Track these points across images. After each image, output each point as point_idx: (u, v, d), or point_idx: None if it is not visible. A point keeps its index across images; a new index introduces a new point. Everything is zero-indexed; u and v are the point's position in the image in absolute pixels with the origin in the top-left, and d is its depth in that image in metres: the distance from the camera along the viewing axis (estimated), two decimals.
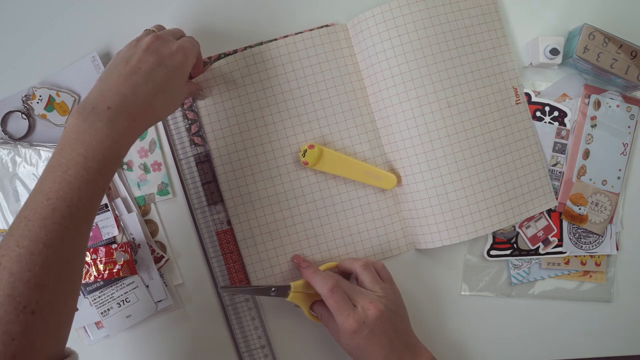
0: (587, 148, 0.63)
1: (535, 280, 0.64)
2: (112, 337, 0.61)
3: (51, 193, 0.41)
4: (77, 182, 0.42)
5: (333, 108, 0.61)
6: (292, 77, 0.61)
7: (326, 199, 0.61)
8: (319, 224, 0.61)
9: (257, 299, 0.61)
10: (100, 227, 0.59)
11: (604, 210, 0.63)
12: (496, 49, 0.61)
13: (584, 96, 0.63)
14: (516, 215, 0.60)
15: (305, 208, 0.61)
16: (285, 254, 0.61)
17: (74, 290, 0.43)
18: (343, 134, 0.61)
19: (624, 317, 0.65)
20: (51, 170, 0.42)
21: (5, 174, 0.59)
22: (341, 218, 0.61)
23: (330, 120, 0.61)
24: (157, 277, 0.60)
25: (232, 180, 0.60)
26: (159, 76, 0.48)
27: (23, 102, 0.60)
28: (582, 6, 0.64)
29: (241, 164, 0.60)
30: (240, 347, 0.61)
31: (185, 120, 0.61)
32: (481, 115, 0.60)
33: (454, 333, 0.63)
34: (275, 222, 0.60)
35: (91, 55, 0.60)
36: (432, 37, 0.58)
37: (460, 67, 0.59)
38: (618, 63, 0.60)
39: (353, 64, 0.61)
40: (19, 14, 0.62)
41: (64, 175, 0.42)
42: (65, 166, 0.42)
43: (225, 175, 0.60)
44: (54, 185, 0.41)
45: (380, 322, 0.52)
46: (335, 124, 0.61)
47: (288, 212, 0.61)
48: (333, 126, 0.61)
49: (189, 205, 0.61)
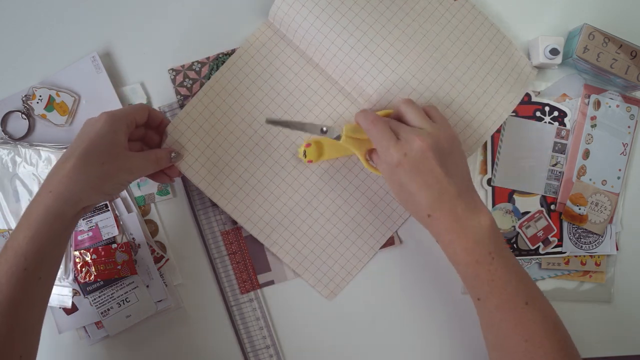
0: (587, 148, 0.63)
1: (535, 281, 0.63)
2: (112, 337, 0.61)
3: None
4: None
5: (306, 96, 0.60)
6: (254, 90, 0.60)
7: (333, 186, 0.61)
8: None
9: (261, 300, 0.61)
10: (100, 227, 0.59)
11: (604, 210, 0.63)
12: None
13: (584, 96, 0.63)
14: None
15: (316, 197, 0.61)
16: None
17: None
18: (326, 119, 0.61)
19: (624, 317, 0.65)
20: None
21: (5, 174, 0.59)
22: (351, 200, 0.61)
23: (307, 111, 0.61)
24: (157, 277, 0.60)
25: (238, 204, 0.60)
26: (86, 153, 0.48)
27: (23, 102, 0.60)
28: (582, 6, 0.64)
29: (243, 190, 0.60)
30: (245, 347, 0.61)
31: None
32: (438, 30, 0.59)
33: (454, 333, 0.63)
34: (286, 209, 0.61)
35: (91, 55, 0.60)
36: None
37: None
38: (618, 63, 0.60)
39: (296, 52, 0.61)
40: (19, 14, 0.62)
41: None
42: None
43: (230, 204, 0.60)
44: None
45: (426, 157, 0.47)
46: (312, 112, 0.61)
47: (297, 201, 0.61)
48: (311, 116, 0.61)
49: (191, 206, 0.61)
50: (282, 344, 0.62)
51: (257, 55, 0.61)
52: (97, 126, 0.50)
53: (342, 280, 0.62)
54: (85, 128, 0.51)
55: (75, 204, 0.48)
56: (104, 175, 0.49)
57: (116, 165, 0.50)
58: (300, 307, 0.62)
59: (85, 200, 0.49)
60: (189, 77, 0.61)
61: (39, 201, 0.48)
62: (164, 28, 0.62)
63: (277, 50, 0.61)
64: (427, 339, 0.63)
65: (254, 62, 0.60)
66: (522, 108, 0.62)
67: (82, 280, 0.58)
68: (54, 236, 0.48)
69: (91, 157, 0.49)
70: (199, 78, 0.61)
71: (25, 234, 0.46)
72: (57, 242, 0.48)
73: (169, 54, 0.62)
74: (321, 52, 0.59)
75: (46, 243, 0.47)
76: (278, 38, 0.61)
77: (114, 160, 0.50)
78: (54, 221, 0.47)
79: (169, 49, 0.62)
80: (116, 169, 0.50)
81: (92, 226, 0.59)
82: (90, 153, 0.49)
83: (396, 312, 0.63)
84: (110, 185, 0.51)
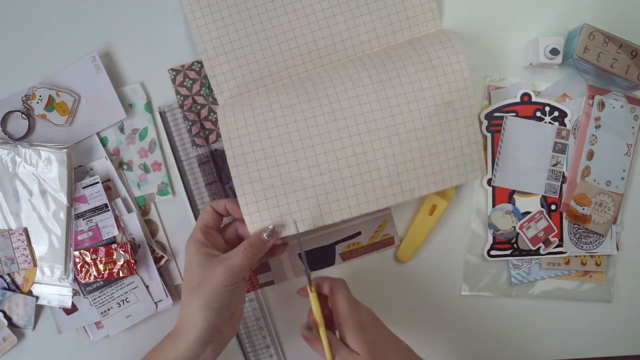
0: (591, 149, 0.63)
1: (536, 281, 0.63)
2: (112, 337, 0.61)
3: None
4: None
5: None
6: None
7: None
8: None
9: (261, 300, 0.61)
10: (100, 227, 0.59)
11: (608, 210, 0.63)
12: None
13: (588, 97, 0.63)
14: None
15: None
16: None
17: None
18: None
19: (624, 317, 0.65)
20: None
21: (5, 174, 0.59)
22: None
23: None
24: (157, 277, 0.60)
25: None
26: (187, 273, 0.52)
27: (23, 102, 0.60)
28: (582, 6, 0.64)
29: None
30: (245, 347, 0.61)
31: (185, 122, 0.61)
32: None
33: (454, 333, 0.63)
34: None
35: (91, 55, 0.60)
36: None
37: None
38: (618, 63, 0.60)
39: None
40: (19, 14, 0.62)
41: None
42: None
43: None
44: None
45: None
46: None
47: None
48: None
49: (191, 206, 0.62)
50: (283, 344, 0.62)
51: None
52: (187, 251, 0.52)
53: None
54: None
55: (205, 344, 0.51)
56: (209, 308, 0.50)
57: (213, 298, 0.50)
58: (301, 307, 0.62)
59: (211, 337, 0.51)
60: (189, 77, 0.61)
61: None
62: (164, 28, 0.62)
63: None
64: (427, 338, 0.63)
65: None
66: (522, 108, 0.62)
67: (82, 280, 0.58)
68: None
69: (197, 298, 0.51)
70: (199, 78, 0.61)
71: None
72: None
73: (169, 54, 0.62)
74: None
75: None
76: None
77: (211, 295, 0.50)
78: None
79: (169, 49, 0.62)
80: (215, 299, 0.50)
81: (92, 226, 0.59)
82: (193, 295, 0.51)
83: (396, 312, 0.63)
84: (219, 305, 0.50)
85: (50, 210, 0.58)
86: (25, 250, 0.59)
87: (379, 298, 0.62)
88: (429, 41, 0.59)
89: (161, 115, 0.62)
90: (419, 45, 0.59)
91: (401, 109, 0.56)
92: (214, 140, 0.62)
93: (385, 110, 0.56)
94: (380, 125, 0.56)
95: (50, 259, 0.59)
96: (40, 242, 0.59)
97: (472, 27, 0.63)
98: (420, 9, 0.61)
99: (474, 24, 0.63)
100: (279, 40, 0.60)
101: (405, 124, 0.56)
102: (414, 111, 0.56)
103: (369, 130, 0.56)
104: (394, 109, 0.56)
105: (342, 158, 0.55)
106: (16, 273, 0.60)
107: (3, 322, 0.60)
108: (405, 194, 0.56)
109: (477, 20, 0.64)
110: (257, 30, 0.59)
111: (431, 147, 0.57)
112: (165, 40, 0.62)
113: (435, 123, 0.57)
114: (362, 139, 0.56)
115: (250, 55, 0.60)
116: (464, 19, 0.63)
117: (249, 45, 0.60)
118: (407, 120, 0.56)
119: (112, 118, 0.61)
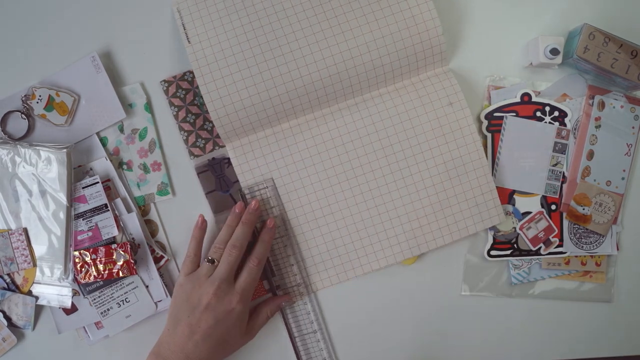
0: (592, 149, 0.63)
1: (536, 281, 0.63)
2: (112, 337, 0.61)
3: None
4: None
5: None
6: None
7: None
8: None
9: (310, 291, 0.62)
10: (100, 227, 0.59)
11: (608, 210, 0.63)
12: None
13: (588, 97, 0.63)
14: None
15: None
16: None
17: None
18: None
19: (624, 317, 0.65)
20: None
21: (5, 174, 0.59)
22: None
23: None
24: (157, 277, 0.60)
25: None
26: (216, 334, 0.54)
27: (23, 102, 0.60)
28: (582, 6, 0.64)
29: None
30: (292, 331, 0.62)
31: (181, 133, 0.61)
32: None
33: (454, 333, 0.63)
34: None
35: (91, 55, 0.60)
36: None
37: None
38: (618, 63, 0.60)
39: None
40: (19, 14, 0.62)
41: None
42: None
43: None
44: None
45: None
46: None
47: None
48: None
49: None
50: (331, 329, 0.62)
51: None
52: (233, 316, 0.55)
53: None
54: (219, 309, 0.55)
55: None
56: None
57: (237, 338, 0.57)
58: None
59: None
60: (182, 88, 0.61)
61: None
62: (164, 28, 0.62)
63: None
64: (427, 339, 0.63)
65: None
66: (523, 108, 0.62)
67: (82, 280, 0.58)
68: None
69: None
70: (192, 88, 0.61)
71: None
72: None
73: (169, 54, 0.62)
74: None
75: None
76: None
77: (238, 336, 0.57)
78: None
79: (169, 49, 0.62)
80: (239, 341, 0.58)
81: (92, 226, 0.59)
82: (228, 334, 0.56)
83: (396, 312, 0.63)
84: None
85: (50, 210, 0.58)
86: (25, 250, 0.59)
87: (379, 298, 0.62)
88: (437, 95, 0.61)
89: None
90: (427, 99, 0.61)
91: (411, 170, 0.60)
92: (210, 149, 0.61)
93: (396, 173, 0.60)
94: (392, 188, 0.60)
95: (50, 259, 0.59)
96: (40, 242, 0.59)
97: (473, 27, 0.63)
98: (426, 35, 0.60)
99: (474, 23, 0.63)
100: (284, 79, 0.59)
101: (415, 184, 0.60)
102: (424, 171, 0.60)
103: (381, 194, 0.60)
104: (404, 171, 0.60)
105: (360, 221, 0.61)
106: (16, 273, 0.60)
107: (3, 322, 0.60)
108: (421, 246, 0.61)
109: (477, 20, 0.64)
110: (261, 69, 0.59)
111: (443, 202, 0.60)
112: (165, 41, 0.62)
113: (445, 179, 0.60)
114: (376, 202, 0.60)
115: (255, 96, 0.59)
116: (464, 19, 0.63)
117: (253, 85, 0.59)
118: (418, 180, 0.60)
119: (111, 118, 0.61)
